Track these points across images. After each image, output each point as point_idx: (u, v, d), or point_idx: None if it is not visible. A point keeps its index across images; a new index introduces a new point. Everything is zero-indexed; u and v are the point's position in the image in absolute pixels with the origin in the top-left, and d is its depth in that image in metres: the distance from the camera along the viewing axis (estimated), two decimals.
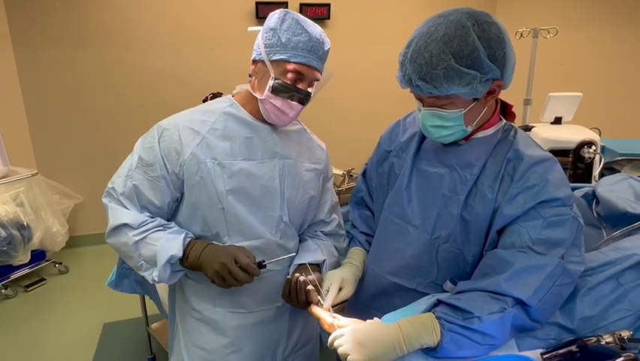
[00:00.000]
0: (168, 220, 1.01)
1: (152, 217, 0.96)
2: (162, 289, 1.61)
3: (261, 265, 0.93)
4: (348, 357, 0.74)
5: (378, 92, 3.76)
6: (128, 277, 1.79)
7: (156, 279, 0.91)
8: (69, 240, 3.11)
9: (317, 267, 1.04)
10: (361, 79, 3.75)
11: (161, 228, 0.95)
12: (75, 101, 3.21)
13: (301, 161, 1.05)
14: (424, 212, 0.93)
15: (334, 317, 0.87)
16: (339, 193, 1.88)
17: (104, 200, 0.96)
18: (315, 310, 0.91)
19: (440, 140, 0.90)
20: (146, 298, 1.92)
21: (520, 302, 0.77)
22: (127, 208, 0.95)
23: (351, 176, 2.19)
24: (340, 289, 0.97)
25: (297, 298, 0.95)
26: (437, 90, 0.80)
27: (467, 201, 0.88)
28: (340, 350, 0.75)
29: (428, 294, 0.92)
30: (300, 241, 1.12)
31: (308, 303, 0.94)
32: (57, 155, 3.27)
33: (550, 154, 0.87)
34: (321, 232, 1.14)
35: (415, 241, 0.93)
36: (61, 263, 3.02)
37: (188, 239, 0.94)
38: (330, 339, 0.79)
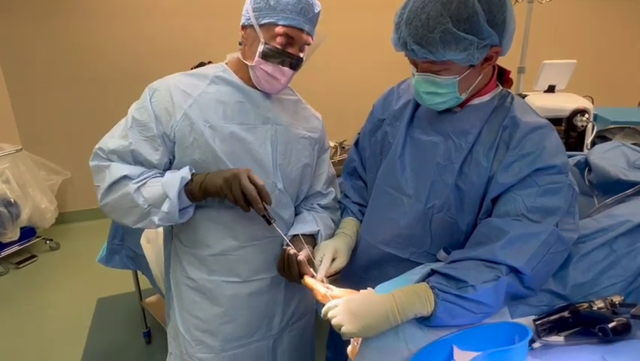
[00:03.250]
0: None
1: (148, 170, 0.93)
2: (154, 264, 1.60)
3: (268, 219, 0.91)
4: (342, 328, 0.74)
5: (370, 60, 3.67)
6: (119, 253, 1.81)
7: (166, 210, 0.87)
8: (59, 216, 3.07)
9: (312, 238, 1.03)
10: (352, 47, 3.65)
11: (159, 175, 0.93)
12: (59, 73, 3.08)
13: (295, 128, 1.03)
14: (418, 181, 0.92)
15: (328, 288, 0.86)
16: None
17: (93, 163, 0.93)
18: (309, 281, 0.90)
19: (433, 107, 0.88)
20: (139, 273, 1.91)
21: (514, 270, 0.77)
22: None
23: (343, 148, 2.15)
24: (333, 260, 0.97)
25: (290, 271, 0.94)
26: (432, 55, 0.78)
27: (462, 170, 0.87)
28: (334, 321, 0.75)
29: (422, 264, 0.92)
30: (296, 214, 1.10)
31: (302, 275, 0.93)
32: (42, 130, 3.17)
33: (547, 121, 0.85)
34: (318, 204, 1.13)
35: (408, 211, 0.93)
36: (51, 240, 2.99)
37: (193, 170, 0.92)
38: (323, 310, 0.78)
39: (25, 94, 3.05)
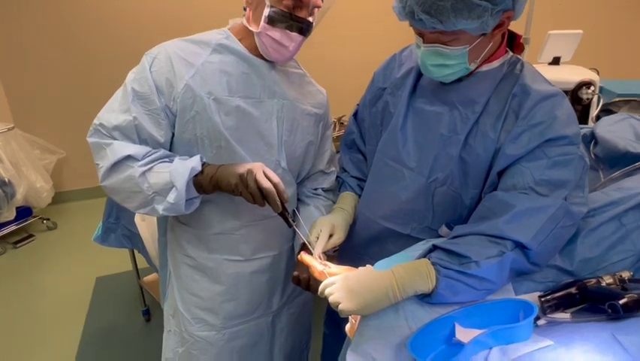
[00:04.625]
0: None
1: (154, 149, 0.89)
2: (149, 242, 1.59)
3: (286, 216, 0.88)
4: (339, 306, 0.72)
5: (370, 30, 3.55)
6: (115, 232, 1.79)
7: (172, 201, 0.84)
8: (55, 196, 3.04)
9: None
10: (350, 16, 3.53)
11: (167, 160, 0.88)
12: (51, 46, 2.97)
13: (301, 103, 1.00)
14: (421, 154, 0.89)
15: (325, 265, 0.84)
16: None
17: (92, 139, 0.87)
18: (305, 257, 0.88)
19: (441, 79, 0.85)
20: (136, 251, 1.90)
21: (519, 245, 0.75)
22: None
23: (342, 123, 2.11)
24: (331, 236, 0.95)
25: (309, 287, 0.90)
26: (442, 25, 0.73)
27: (467, 141, 0.84)
28: (331, 299, 0.73)
29: (423, 240, 0.90)
30: (300, 200, 1.09)
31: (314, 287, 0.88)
32: (34, 108, 3.09)
33: (558, 89, 0.81)
34: (322, 189, 1.11)
35: (410, 185, 0.90)
36: (48, 219, 2.97)
37: (204, 160, 0.88)
38: (320, 288, 0.77)
39: (16, 69, 2.96)
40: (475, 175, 0.84)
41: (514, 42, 0.88)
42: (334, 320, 1.09)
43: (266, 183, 0.82)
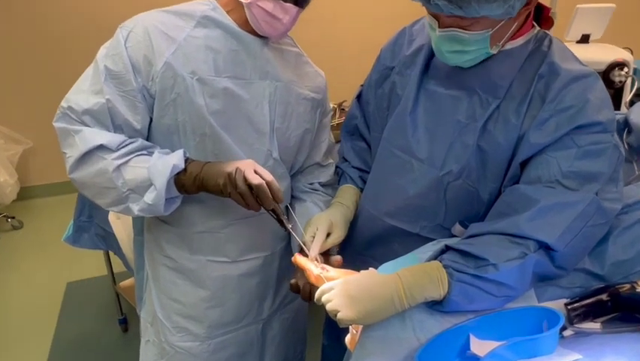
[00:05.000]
0: None
1: (131, 138, 0.88)
2: (125, 243, 1.59)
3: (279, 217, 0.88)
4: (338, 314, 0.71)
5: (375, 8, 3.54)
6: (88, 231, 1.78)
7: (149, 202, 0.83)
8: (20, 191, 3.02)
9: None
10: None
11: (145, 152, 0.88)
12: (15, 26, 2.95)
13: (297, 86, 1.00)
14: (433, 143, 0.89)
15: (322, 268, 0.84)
16: None
17: (59, 125, 0.86)
18: (300, 260, 0.88)
19: (458, 65, 0.84)
20: (111, 253, 1.90)
21: (544, 246, 0.74)
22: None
23: (343, 110, 2.11)
24: (328, 235, 0.94)
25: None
26: (462, 11, 0.72)
27: (486, 128, 0.83)
28: (329, 307, 0.73)
29: (433, 239, 0.90)
30: (295, 197, 1.09)
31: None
32: None
33: (591, 69, 0.81)
34: (319, 183, 1.11)
35: (419, 178, 0.90)
36: (14, 217, 2.96)
37: (187, 155, 0.88)
38: (317, 294, 0.76)
39: None
40: (495, 167, 0.83)
41: (541, 15, 0.87)
42: (334, 329, 1.08)
43: (256, 180, 0.82)
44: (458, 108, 0.86)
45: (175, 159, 0.85)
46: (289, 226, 0.90)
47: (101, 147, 0.84)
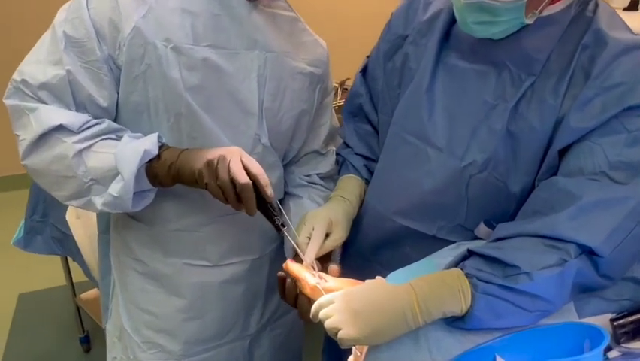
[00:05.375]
0: None
1: (96, 119, 0.89)
2: (86, 247, 1.60)
3: (271, 216, 0.88)
4: (339, 333, 0.71)
5: None
6: (42, 233, 1.80)
7: (115, 194, 0.83)
8: None
9: None
10: None
11: (112, 136, 0.88)
12: None
13: (292, 58, 1.00)
14: (453, 127, 0.88)
15: (320, 278, 0.84)
16: None
17: (10, 101, 0.86)
18: (292, 267, 0.87)
19: (487, 37, 0.84)
20: (70, 260, 1.91)
21: (586, 251, 0.73)
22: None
23: (345, 89, 2.12)
24: (327, 236, 0.94)
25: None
26: None
27: (517, 110, 0.83)
28: (328, 324, 0.72)
29: (453, 242, 0.90)
30: (289, 193, 1.10)
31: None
32: None
33: None
34: (317, 175, 1.11)
35: (436, 170, 0.89)
36: None
37: (162, 140, 0.89)
38: (313, 308, 0.76)
39: None
40: (528, 156, 0.83)
41: None
42: (335, 350, 1.08)
43: (242, 177, 0.81)
44: (484, 86, 0.85)
45: (147, 144, 0.84)
46: (283, 226, 0.89)
47: (60, 128, 0.83)
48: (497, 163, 0.84)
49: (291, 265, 0.87)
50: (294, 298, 0.87)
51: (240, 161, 0.82)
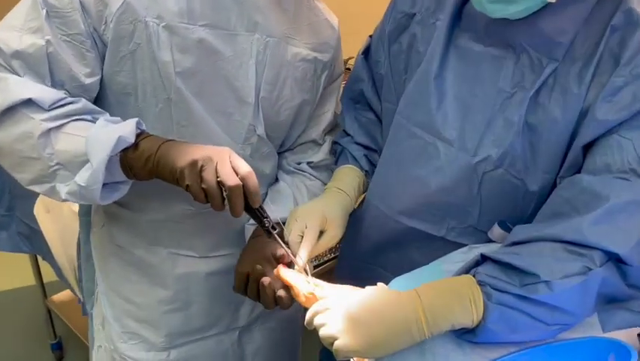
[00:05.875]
0: None
1: (72, 97, 0.88)
2: (57, 244, 1.59)
3: (265, 226, 0.87)
4: (336, 343, 0.71)
5: None
6: (7, 228, 1.78)
7: (82, 183, 0.81)
8: None
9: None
10: None
11: (88, 117, 0.87)
12: None
13: (295, 43, 1.00)
14: (465, 118, 0.88)
15: (315, 285, 0.83)
16: None
17: None
18: (284, 273, 0.86)
19: (503, 17, 0.82)
20: (40, 258, 1.89)
21: (613, 258, 0.72)
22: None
23: (348, 69, 2.11)
24: (321, 234, 0.93)
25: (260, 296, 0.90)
26: None
27: (537, 100, 0.82)
28: (323, 332, 0.72)
29: (464, 245, 0.90)
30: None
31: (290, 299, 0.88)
32: None
33: None
34: (308, 164, 1.12)
35: (446, 166, 0.89)
36: None
37: (142, 127, 0.88)
38: (308, 315, 0.76)
39: None
40: (549, 151, 0.82)
41: None
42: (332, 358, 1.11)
43: (231, 180, 0.79)
44: (501, 72, 0.85)
45: (123, 130, 0.81)
46: (274, 229, 0.88)
47: (28, 103, 0.81)
48: (514, 159, 0.84)
49: (283, 272, 0.86)
50: (256, 291, 0.89)
51: (229, 163, 0.81)
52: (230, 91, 0.94)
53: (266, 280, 0.88)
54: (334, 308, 0.73)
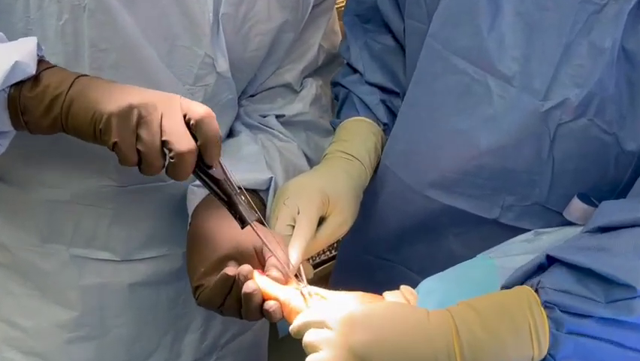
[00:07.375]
0: None
1: None
2: None
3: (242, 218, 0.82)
4: None
5: None
6: None
7: None
8: None
9: (255, 196, 0.95)
10: None
11: None
12: None
13: None
14: (531, 45, 0.84)
15: (309, 294, 0.78)
16: None
17: None
18: (262, 283, 0.80)
19: None
20: None
21: None
22: None
23: None
24: (322, 221, 0.90)
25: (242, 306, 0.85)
26: None
27: (639, 15, 0.77)
28: (312, 359, 0.70)
29: (524, 230, 0.88)
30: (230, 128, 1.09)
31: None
32: None
33: None
34: (277, 118, 1.09)
35: (503, 114, 0.86)
36: None
37: (42, 52, 0.81)
38: (295, 326, 0.73)
39: None
40: None
41: None
42: None
43: (184, 143, 0.73)
44: None
45: (20, 52, 0.76)
46: (250, 221, 0.81)
47: None
48: (604, 104, 0.80)
49: (261, 281, 0.81)
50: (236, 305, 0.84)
51: (180, 116, 0.74)
52: (181, 14, 0.89)
53: (250, 286, 0.82)
54: (333, 330, 0.69)
